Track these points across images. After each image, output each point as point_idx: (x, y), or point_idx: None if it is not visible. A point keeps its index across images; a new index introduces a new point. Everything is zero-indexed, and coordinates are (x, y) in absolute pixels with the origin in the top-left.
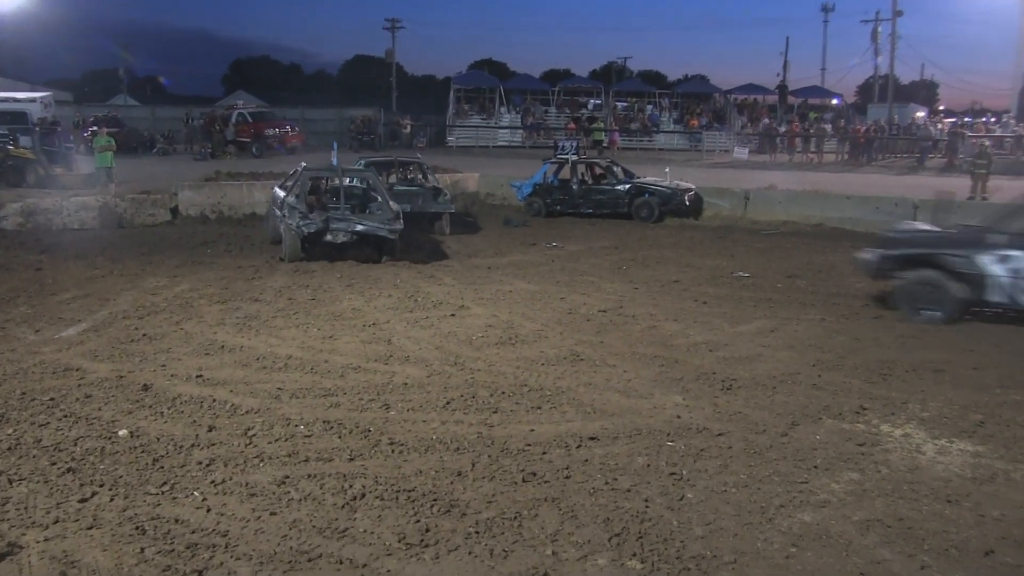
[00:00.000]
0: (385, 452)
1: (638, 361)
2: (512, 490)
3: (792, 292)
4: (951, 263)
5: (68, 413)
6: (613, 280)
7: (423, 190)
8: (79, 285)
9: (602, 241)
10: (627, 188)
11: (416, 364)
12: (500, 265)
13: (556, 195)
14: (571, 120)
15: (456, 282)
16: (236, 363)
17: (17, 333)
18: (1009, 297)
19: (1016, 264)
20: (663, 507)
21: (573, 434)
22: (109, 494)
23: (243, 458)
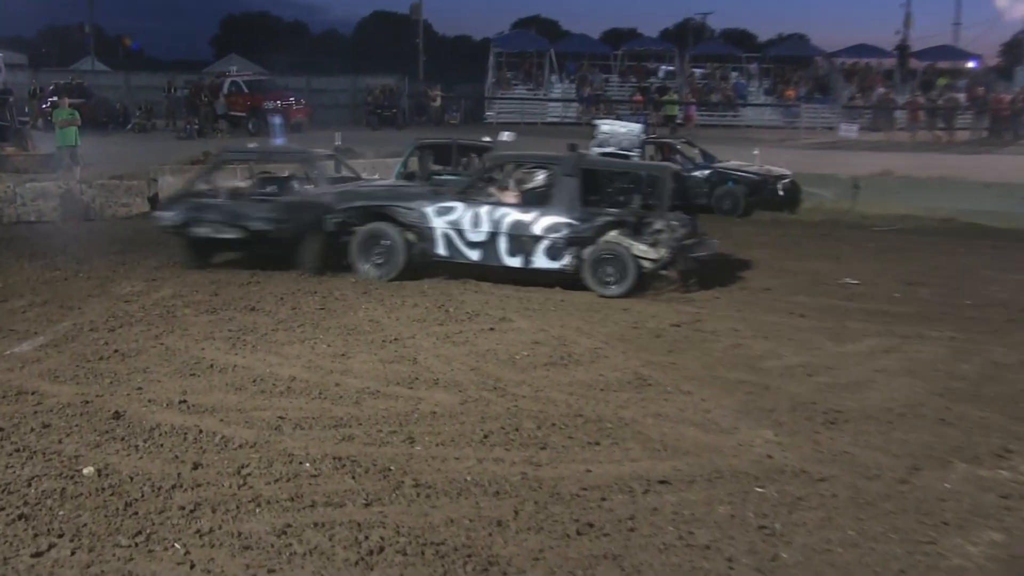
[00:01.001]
0: (408, 496)
1: (719, 387)
2: (563, 545)
3: (913, 303)
4: (401, 215)
5: (21, 446)
6: (688, 288)
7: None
8: (36, 290)
9: None
10: (706, 175)
11: (447, 389)
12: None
13: None
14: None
15: (496, 289)
16: (227, 386)
17: None
18: (446, 250)
19: (454, 216)
20: (750, 568)
21: (639, 476)
22: (70, 546)
23: (235, 502)
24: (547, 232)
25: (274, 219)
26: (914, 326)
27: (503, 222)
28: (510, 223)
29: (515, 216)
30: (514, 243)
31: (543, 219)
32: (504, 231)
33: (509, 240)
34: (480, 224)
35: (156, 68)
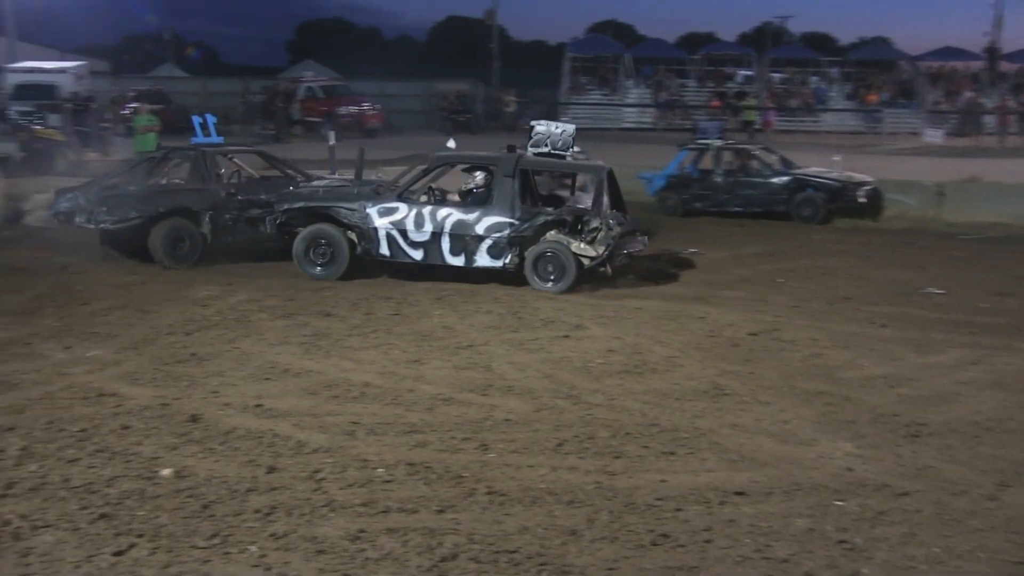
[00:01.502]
0: (482, 503)
1: (797, 398)
2: (638, 555)
3: (1001, 313)
4: (343, 216)
5: (102, 447)
6: (766, 296)
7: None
8: (115, 293)
9: (752, 247)
10: (785, 181)
11: (521, 396)
12: (625, 277)
13: (695, 189)
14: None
15: (570, 296)
16: (302, 390)
17: (44, 350)
18: (389, 250)
19: (397, 216)
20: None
21: (715, 487)
22: (149, 546)
23: (309, 507)
24: (489, 232)
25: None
26: (1002, 338)
27: (446, 222)
28: (453, 223)
29: (457, 216)
30: (456, 243)
31: (485, 219)
32: (447, 231)
33: (451, 240)
34: (423, 224)
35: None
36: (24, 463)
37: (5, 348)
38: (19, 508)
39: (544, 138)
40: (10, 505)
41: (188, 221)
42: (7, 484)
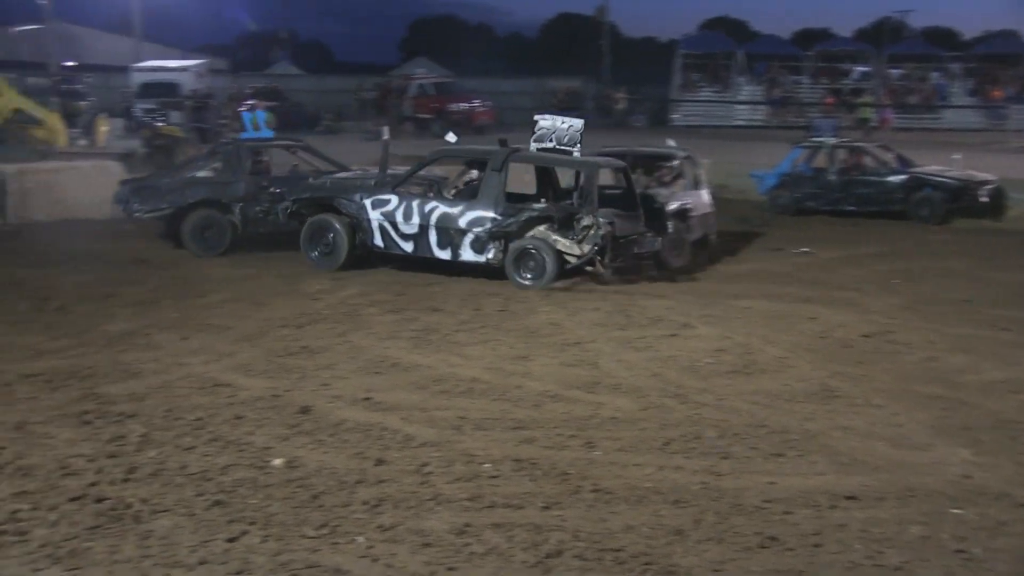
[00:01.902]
0: (587, 501)
1: (912, 401)
2: (745, 557)
3: None
4: (343, 206)
5: (217, 436)
6: (880, 297)
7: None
8: (229, 286)
9: (867, 247)
10: (902, 180)
11: (627, 394)
12: (735, 275)
13: (808, 188)
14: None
15: (679, 294)
16: (410, 385)
17: (162, 341)
18: (382, 242)
19: (389, 208)
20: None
21: (825, 491)
22: (260, 534)
23: (416, 500)
24: (471, 226)
25: None
26: None
27: (432, 215)
28: (438, 216)
29: (443, 209)
30: (443, 236)
31: (468, 213)
32: (433, 224)
33: (438, 233)
34: (411, 217)
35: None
36: (144, 449)
37: (127, 338)
38: (140, 492)
39: (549, 133)
40: (131, 489)
41: (217, 212)
42: (129, 469)
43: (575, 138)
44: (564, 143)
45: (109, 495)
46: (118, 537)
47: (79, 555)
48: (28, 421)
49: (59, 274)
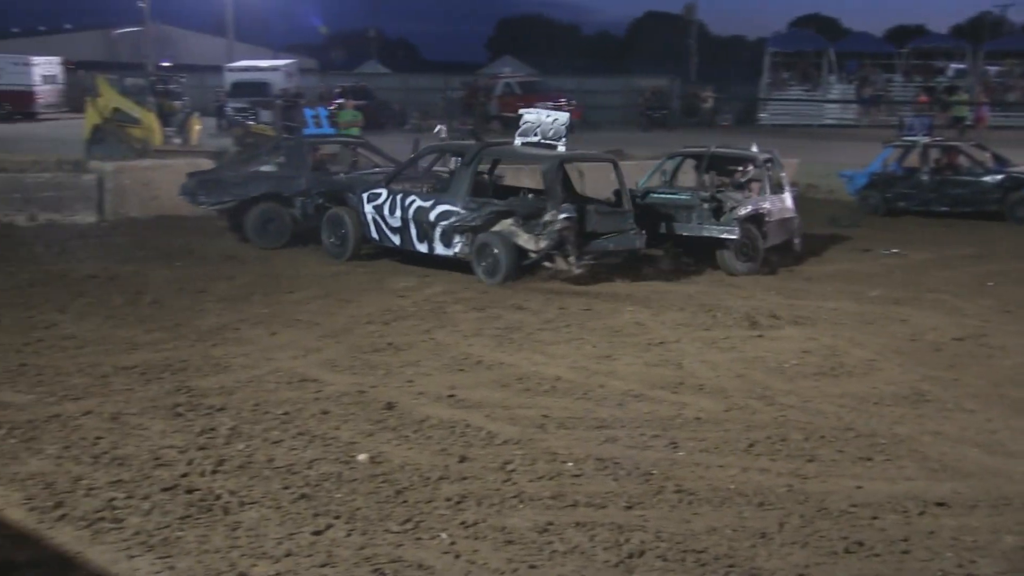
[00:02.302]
0: (670, 501)
1: (1006, 407)
2: (831, 562)
3: None
4: (348, 200)
5: (303, 430)
6: (974, 300)
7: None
8: (317, 283)
9: (960, 248)
10: (998, 180)
11: (712, 395)
12: (823, 276)
13: (899, 188)
14: (922, 91)
15: (765, 295)
16: (494, 382)
17: (252, 336)
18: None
19: (379, 202)
20: None
21: (914, 496)
22: (345, 528)
23: (499, 497)
24: (438, 220)
25: None
26: None
27: (410, 209)
28: (414, 210)
29: (418, 203)
30: (420, 230)
31: (438, 207)
32: (411, 218)
33: (416, 226)
34: (395, 211)
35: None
36: (233, 442)
37: (218, 332)
38: (228, 484)
39: (534, 127)
40: (220, 481)
41: (279, 205)
42: (218, 461)
43: (560, 132)
44: (549, 137)
45: (199, 486)
46: (207, 527)
47: (171, 544)
48: (123, 412)
49: (153, 269)
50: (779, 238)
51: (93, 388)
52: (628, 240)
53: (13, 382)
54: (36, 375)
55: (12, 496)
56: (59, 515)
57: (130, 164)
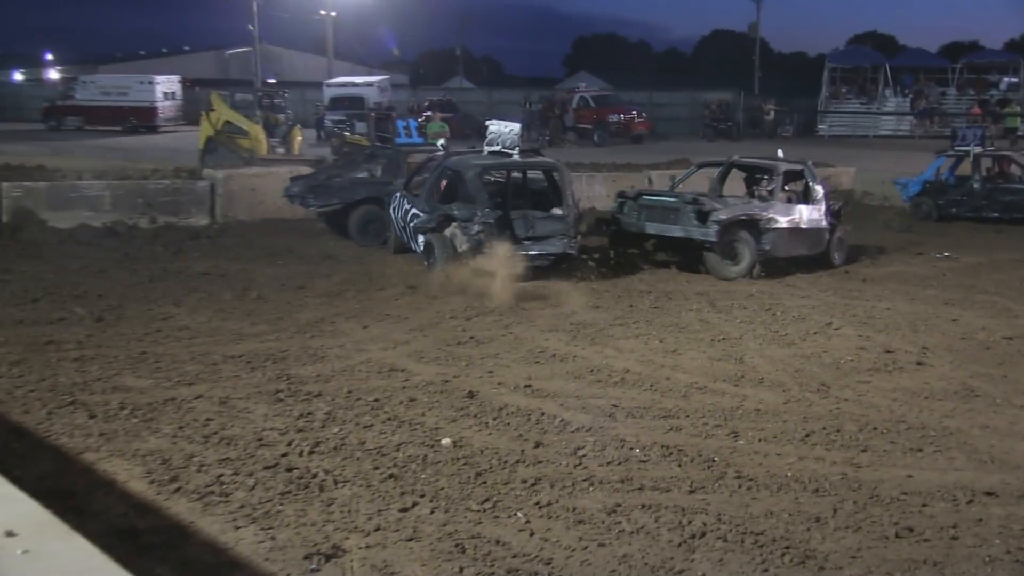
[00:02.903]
0: (731, 487)
1: None
2: (882, 546)
3: None
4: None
5: (392, 416)
6: (1023, 301)
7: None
8: (406, 280)
9: (1010, 253)
10: None
11: (771, 388)
12: (877, 277)
13: (951, 195)
14: (976, 103)
15: (823, 295)
16: (567, 374)
17: (346, 328)
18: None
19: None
20: None
21: (963, 486)
22: (430, 506)
23: (571, 480)
24: (411, 220)
25: None
26: None
27: (407, 213)
28: (402, 213)
29: (405, 207)
30: (410, 230)
31: (412, 211)
32: (407, 221)
33: (409, 228)
34: (398, 213)
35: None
36: (328, 426)
37: (315, 325)
38: (324, 464)
39: (496, 137)
40: (317, 461)
41: (379, 208)
42: (315, 443)
43: (514, 140)
44: (507, 146)
45: (298, 465)
46: (305, 503)
47: (272, 517)
48: (231, 397)
49: (258, 267)
50: (797, 249)
51: (204, 374)
52: (553, 245)
53: (135, 368)
54: (155, 362)
55: (134, 470)
56: (174, 488)
57: (239, 171)
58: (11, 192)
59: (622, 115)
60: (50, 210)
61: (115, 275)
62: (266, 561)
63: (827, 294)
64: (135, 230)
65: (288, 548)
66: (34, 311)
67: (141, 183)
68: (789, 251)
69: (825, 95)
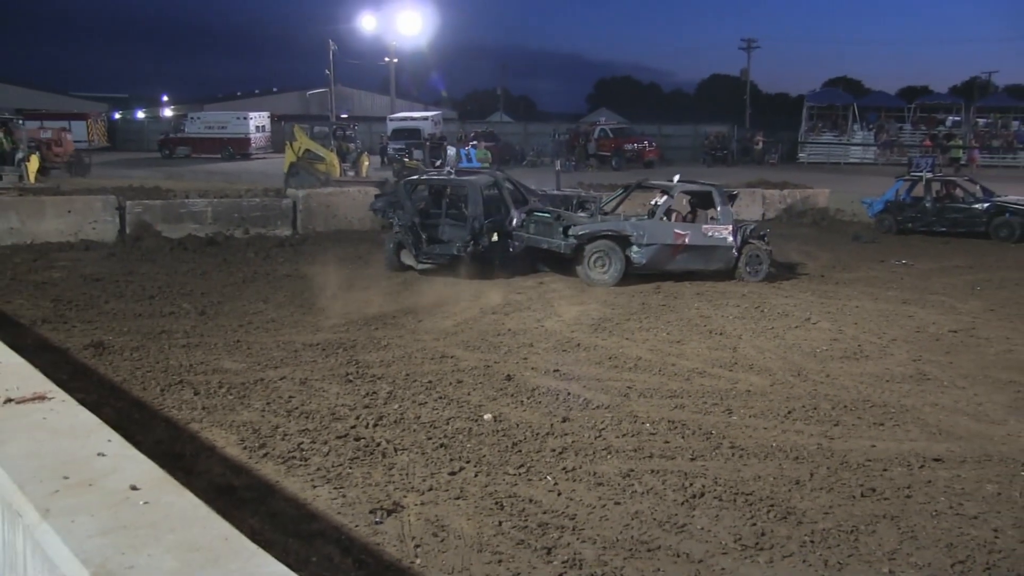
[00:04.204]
0: (725, 455)
1: (991, 385)
2: (850, 503)
3: None
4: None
5: (443, 395)
6: (966, 300)
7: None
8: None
9: (956, 260)
10: (986, 207)
11: (759, 373)
12: (848, 280)
13: (908, 212)
14: (927, 137)
15: (803, 295)
16: (590, 361)
17: (404, 321)
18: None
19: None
20: (1016, 540)
21: (916, 454)
22: (474, 470)
23: (592, 449)
24: None
25: None
26: None
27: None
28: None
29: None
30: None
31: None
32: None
33: None
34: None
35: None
36: (389, 403)
37: (379, 319)
38: (386, 435)
39: (453, 159)
40: (380, 432)
41: None
42: (379, 417)
43: (454, 161)
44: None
45: (364, 435)
46: (370, 467)
47: (343, 478)
48: (309, 378)
49: (333, 271)
50: (690, 264)
51: (287, 359)
52: (449, 248)
53: (231, 353)
54: (247, 349)
55: (230, 437)
56: (263, 454)
57: (316, 191)
58: (133, 209)
59: (636, 144)
60: (164, 223)
61: (215, 277)
62: (338, 515)
63: (807, 294)
64: (231, 240)
65: (356, 504)
66: (150, 306)
67: (237, 201)
68: (677, 265)
69: (804, 129)
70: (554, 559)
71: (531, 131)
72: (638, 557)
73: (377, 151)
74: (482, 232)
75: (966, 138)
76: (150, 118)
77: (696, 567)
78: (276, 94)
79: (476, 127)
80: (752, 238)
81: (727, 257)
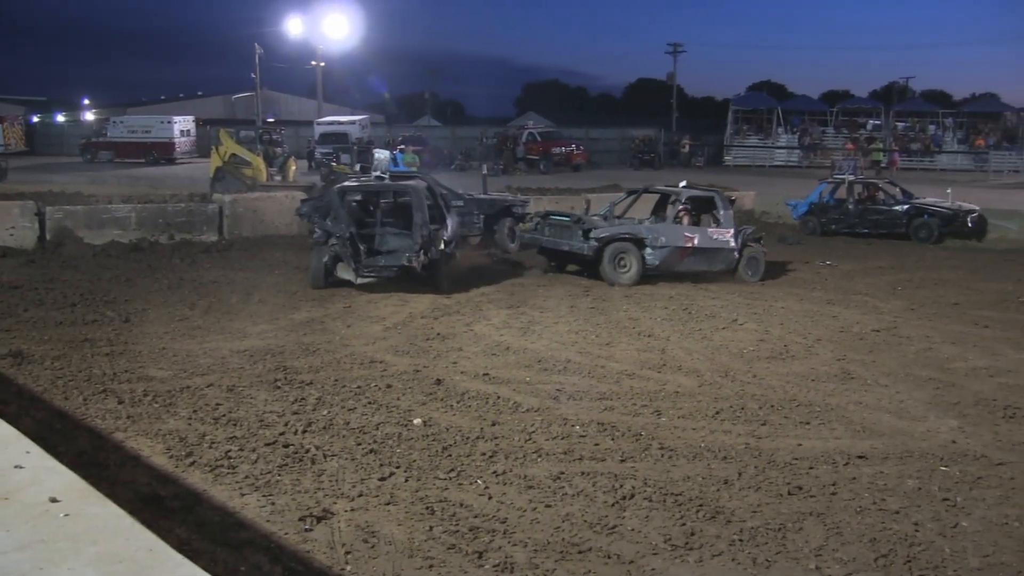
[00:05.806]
0: (655, 456)
1: (912, 383)
2: (777, 502)
3: None
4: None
5: (372, 400)
6: (888, 300)
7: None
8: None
9: (878, 261)
10: (905, 208)
11: (688, 374)
12: (773, 281)
13: (832, 214)
14: (849, 140)
15: (730, 296)
16: (519, 364)
17: (333, 327)
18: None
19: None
20: (934, 533)
21: (841, 451)
22: (404, 475)
23: (523, 452)
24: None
25: None
26: None
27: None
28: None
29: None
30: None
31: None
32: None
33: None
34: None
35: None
36: (318, 409)
37: (307, 324)
38: (315, 441)
39: (379, 163)
40: (309, 438)
41: None
42: (308, 423)
43: (385, 166)
44: (382, 171)
45: (293, 442)
46: (299, 474)
47: (272, 486)
48: (237, 385)
49: (260, 276)
50: (696, 265)
51: (214, 366)
52: (396, 259)
53: (156, 361)
54: (172, 356)
55: (156, 446)
56: (190, 462)
57: (243, 196)
58: (54, 214)
59: (564, 148)
60: (86, 229)
61: (140, 283)
62: (268, 523)
63: (733, 296)
64: (156, 245)
65: (286, 511)
66: (72, 314)
67: (161, 206)
68: (686, 267)
69: (730, 132)
70: (485, 563)
71: (459, 135)
72: (569, 559)
73: (305, 155)
74: (431, 240)
75: (886, 141)
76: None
77: (627, 568)
78: (201, 98)
79: (404, 131)
80: (750, 241)
81: (729, 259)
